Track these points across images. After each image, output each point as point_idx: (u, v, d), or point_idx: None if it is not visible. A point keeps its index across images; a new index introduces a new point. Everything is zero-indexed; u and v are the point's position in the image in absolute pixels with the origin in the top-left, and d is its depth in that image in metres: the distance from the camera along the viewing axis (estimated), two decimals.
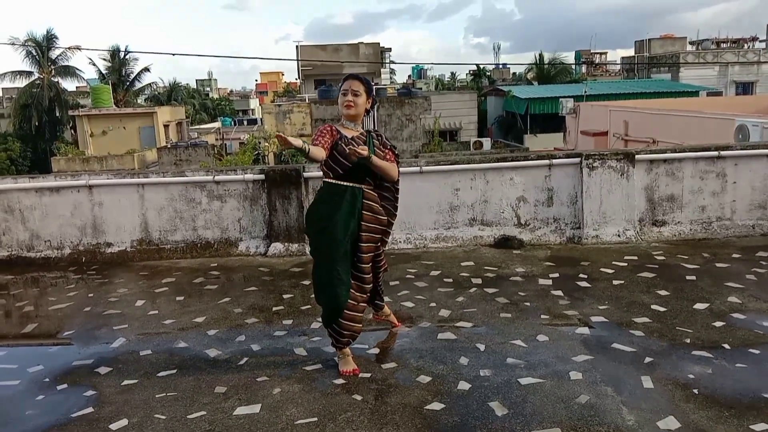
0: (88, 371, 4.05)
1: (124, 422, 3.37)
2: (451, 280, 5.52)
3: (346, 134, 3.78)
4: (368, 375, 3.76)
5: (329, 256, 3.74)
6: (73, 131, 41.80)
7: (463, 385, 3.59)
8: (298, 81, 48.20)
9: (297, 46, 39.12)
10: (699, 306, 4.66)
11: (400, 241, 6.64)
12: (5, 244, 6.86)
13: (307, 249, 6.59)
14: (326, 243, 3.75)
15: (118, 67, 45.99)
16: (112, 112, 38.27)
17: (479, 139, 32.10)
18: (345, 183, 3.78)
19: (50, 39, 43.39)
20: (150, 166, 29.99)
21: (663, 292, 4.97)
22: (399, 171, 4.03)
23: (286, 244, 6.63)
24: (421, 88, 48.46)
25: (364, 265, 3.83)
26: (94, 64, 46.96)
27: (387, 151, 3.96)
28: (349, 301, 3.76)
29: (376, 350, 4.12)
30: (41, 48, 42.23)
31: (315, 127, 28.40)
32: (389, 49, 52.34)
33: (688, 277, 5.33)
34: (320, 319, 4.69)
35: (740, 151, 6.77)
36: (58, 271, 6.49)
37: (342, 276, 3.74)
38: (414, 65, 73.50)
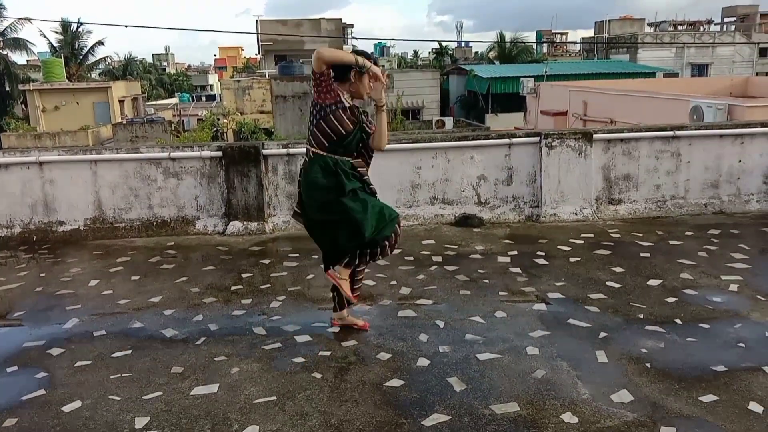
0: (39, 353, 3.94)
1: (77, 404, 3.29)
2: (411, 258, 5.52)
3: (344, 100, 3.62)
4: (328, 353, 3.75)
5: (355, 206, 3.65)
6: (23, 106, 40.36)
7: (423, 362, 3.61)
8: (258, 56, 47.39)
9: (257, 21, 38.38)
10: (652, 282, 4.78)
11: None
12: None
13: (267, 228, 6.52)
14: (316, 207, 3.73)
15: (70, 40, 44.48)
16: (65, 87, 37.08)
17: (441, 117, 32.16)
18: (335, 156, 3.63)
19: None
20: (105, 143, 29.21)
21: (618, 269, 5.08)
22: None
23: (245, 222, 6.54)
24: (383, 66, 48.09)
25: None
26: (45, 37, 45.34)
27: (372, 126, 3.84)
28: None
29: (336, 329, 4.11)
30: None
31: (275, 104, 28.07)
32: (351, 26, 51.76)
33: (642, 255, 5.45)
34: (280, 299, 4.66)
35: (694, 131, 6.92)
36: (7, 251, 6.28)
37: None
38: (377, 42, 72.99)
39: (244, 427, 3.02)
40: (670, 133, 6.77)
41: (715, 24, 47.55)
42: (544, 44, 52.69)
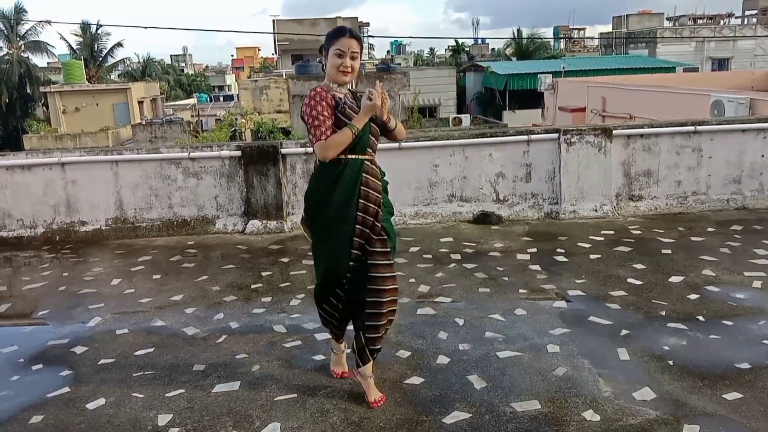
0: (63, 351, 4.00)
1: (101, 401, 3.33)
2: (430, 256, 5.52)
3: (339, 96, 3.10)
4: (349, 351, 3.76)
5: (324, 239, 3.20)
6: (45, 108, 40.94)
7: (443, 359, 3.61)
8: (275, 56, 47.59)
9: (273, 21, 38.55)
10: (674, 279, 4.73)
11: None
12: None
13: (286, 226, 6.56)
14: (320, 226, 3.20)
15: (89, 42, 45.04)
16: (85, 89, 37.53)
17: (458, 115, 32.11)
18: (344, 156, 3.06)
19: (19, 13, 42.24)
20: (125, 144, 29.53)
21: (639, 266, 5.03)
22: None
23: (264, 221, 6.58)
24: (399, 64, 48.14)
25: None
26: (65, 39, 45.90)
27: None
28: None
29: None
30: (9, 22, 41.13)
31: (292, 103, 28.14)
32: (367, 24, 51.83)
33: (663, 251, 5.39)
34: (299, 297, 4.69)
35: (716, 126, 6.83)
36: (31, 251, 6.38)
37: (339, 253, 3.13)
38: (393, 40, 72.94)
39: (265, 424, 3.04)
40: (691, 128, 6.69)
41: (736, 17, 46.90)
42: (562, 40, 52.31)
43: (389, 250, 3.11)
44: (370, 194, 3.09)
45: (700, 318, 4.05)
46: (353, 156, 3.07)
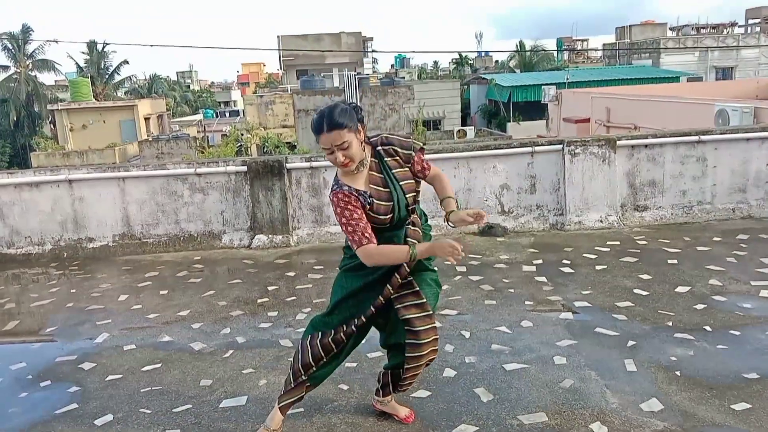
0: (71, 367, 4.02)
1: (109, 417, 3.35)
2: (436, 268, 5.51)
3: (358, 187, 2.74)
4: (354, 365, 3.76)
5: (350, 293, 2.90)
6: (52, 126, 41.29)
7: (449, 372, 3.61)
8: (280, 72, 47.90)
9: (278, 36, 38.82)
10: (680, 289, 4.72)
11: None
12: None
13: (292, 240, 6.58)
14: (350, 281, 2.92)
15: (96, 60, 45.51)
16: (92, 106, 37.87)
17: (463, 127, 32.18)
18: (386, 232, 2.81)
19: (26, 32, 42.74)
20: (131, 160, 29.72)
21: (645, 276, 5.02)
22: (435, 168, 3.05)
23: (270, 236, 6.60)
24: (404, 77, 48.38)
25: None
26: (72, 58, 46.41)
27: (415, 160, 2.86)
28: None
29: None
30: (17, 41, 41.59)
31: (297, 118, 28.30)
32: (371, 38, 52.13)
33: (669, 261, 5.38)
34: (305, 311, 4.70)
35: (720, 135, 6.83)
36: (39, 267, 6.42)
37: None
38: (397, 54, 73.28)
39: None
40: (695, 138, 6.70)
41: (739, 26, 46.94)
42: (565, 52, 52.47)
43: (425, 300, 2.85)
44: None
45: (707, 328, 4.03)
46: (394, 230, 2.82)
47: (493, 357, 3.78)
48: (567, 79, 29.68)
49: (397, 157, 2.81)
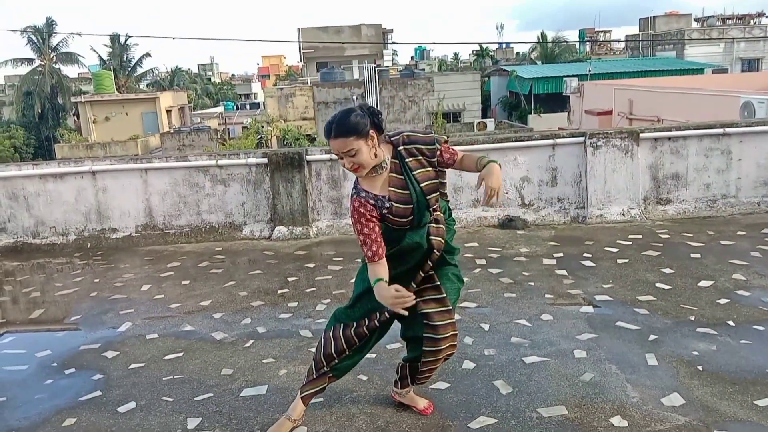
0: (95, 355, 4.09)
1: (132, 405, 3.40)
2: (458, 263, 5.50)
3: (377, 193, 2.72)
4: (373, 356, 3.78)
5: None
6: (75, 118, 41.83)
7: (468, 365, 3.61)
8: (300, 64, 47.99)
9: (298, 29, 38.87)
10: (703, 283, 4.66)
11: None
12: (11, 231, 6.89)
13: (311, 232, 6.61)
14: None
15: (119, 53, 45.95)
16: (115, 98, 38.27)
17: (483, 120, 32.00)
18: (408, 231, 2.78)
19: (50, 25, 43.27)
20: (153, 152, 30.01)
21: (667, 270, 4.97)
22: (459, 153, 2.92)
23: (290, 227, 6.64)
24: (423, 69, 48.21)
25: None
26: (95, 50, 46.93)
27: (441, 150, 2.79)
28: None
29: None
30: (41, 35, 42.12)
31: (317, 110, 28.35)
32: (391, 30, 51.98)
33: (692, 255, 5.32)
34: (325, 302, 4.72)
35: (745, 128, 6.72)
36: (63, 257, 6.52)
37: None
38: (417, 46, 73.00)
39: (293, 428, 3.07)
40: (720, 130, 6.60)
41: (767, 17, 46.01)
42: (588, 43, 51.88)
43: (445, 295, 2.85)
44: (434, 255, 2.83)
45: (731, 323, 3.98)
46: (417, 229, 2.78)
47: (512, 350, 3.77)
48: (589, 70, 29.37)
49: (420, 157, 2.75)
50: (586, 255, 5.48)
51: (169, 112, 39.94)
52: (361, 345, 2.94)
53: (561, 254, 5.55)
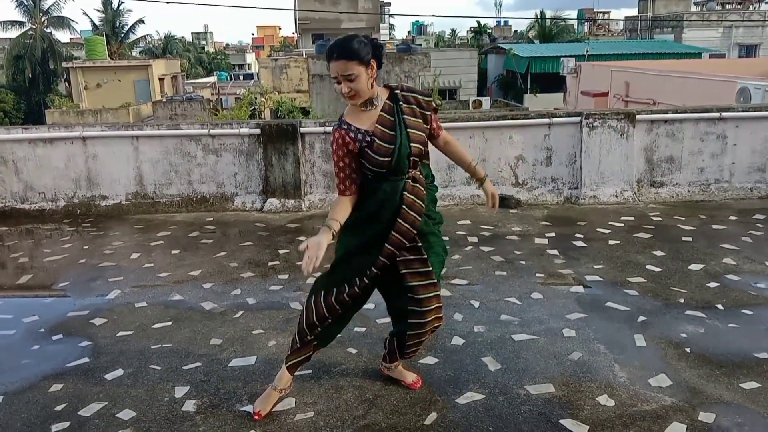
0: (83, 322, 4.06)
1: (119, 372, 3.39)
2: (447, 238, 5.49)
3: (360, 126, 2.69)
4: (363, 329, 3.78)
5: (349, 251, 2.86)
6: (67, 83, 41.26)
7: (457, 341, 3.61)
8: (295, 35, 47.46)
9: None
10: (694, 267, 4.68)
11: None
12: None
13: (304, 205, 6.57)
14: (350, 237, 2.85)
15: (111, 18, 45.21)
16: (107, 65, 37.72)
17: (479, 98, 31.83)
18: (389, 181, 2.74)
19: None
20: (145, 120, 29.69)
21: (658, 253, 4.98)
22: (445, 133, 2.97)
23: (282, 199, 6.60)
24: (420, 45, 47.80)
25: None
26: (87, 15, 46.27)
27: (430, 115, 2.80)
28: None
29: (371, 305, 4.12)
30: None
31: (312, 83, 28.09)
32: (389, 4, 51.41)
33: (684, 238, 5.33)
34: (316, 275, 4.70)
35: (742, 113, 6.71)
36: (52, 223, 6.46)
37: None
38: (414, 21, 72.34)
39: (280, 399, 3.07)
40: (716, 114, 6.58)
41: (766, 2, 45.79)
42: (586, 23, 51.55)
43: (430, 268, 2.83)
44: (408, 215, 2.75)
45: (719, 306, 4.00)
46: (392, 179, 2.73)
47: (501, 327, 3.78)
48: (587, 51, 29.18)
49: (415, 107, 2.75)
50: (578, 235, 5.48)
51: (161, 80, 39.44)
52: (344, 312, 2.91)
53: (553, 234, 5.55)
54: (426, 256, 2.84)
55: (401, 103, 2.73)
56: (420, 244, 2.83)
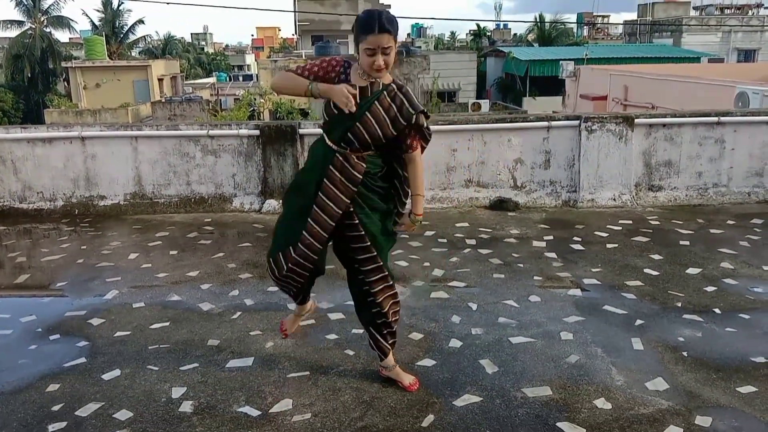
0: (80, 322, 4.06)
1: (116, 372, 3.38)
2: (445, 240, 5.51)
3: (350, 79, 2.80)
4: (360, 331, 3.77)
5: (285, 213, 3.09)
6: (66, 83, 41.22)
7: (455, 343, 3.61)
8: (295, 36, 47.48)
9: (294, 0, 38.36)
10: (691, 271, 4.68)
11: None
12: None
13: None
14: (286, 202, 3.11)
15: (111, 19, 45.18)
16: (106, 65, 37.69)
17: (478, 100, 31.83)
18: (326, 143, 2.88)
19: None
20: (144, 121, 29.66)
21: (656, 257, 4.99)
22: (417, 153, 2.94)
23: (280, 201, 6.59)
24: (420, 47, 47.81)
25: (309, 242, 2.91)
26: (87, 15, 46.26)
27: (405, 126, 2.82)
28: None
29: None
30: None
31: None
32: (389, 6, 51.42)
33: (681, 242, 5.34)
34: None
35: (740, 117, 6.72)
36: (50, 223, 6.46)
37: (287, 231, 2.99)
38: (413, 23, 72.39)
39: (277, 400, 3.07)
40: (715, 119, 6.59)
41: (765, 7, 45.88)
42: (585, 27, 51.63)
43: (375, 254, 2.92)
44: (330, 190, 2.83)
45: (717, 310, 4.01)
46: (326, 142, 2.88)
47: (499, 330, 3.78)
48: (586, 55, 29.18)
49: (394, 106, 2.78)
50: (576, 239, 5.49)
51: (161, 80, 39.41)
52: (307, 266, 2.97)
53: (551, 237, 5.56)
54: (363, 233, 2.91)
55: (385, 93, 2.77)
56: (357, 221, 2.89)
